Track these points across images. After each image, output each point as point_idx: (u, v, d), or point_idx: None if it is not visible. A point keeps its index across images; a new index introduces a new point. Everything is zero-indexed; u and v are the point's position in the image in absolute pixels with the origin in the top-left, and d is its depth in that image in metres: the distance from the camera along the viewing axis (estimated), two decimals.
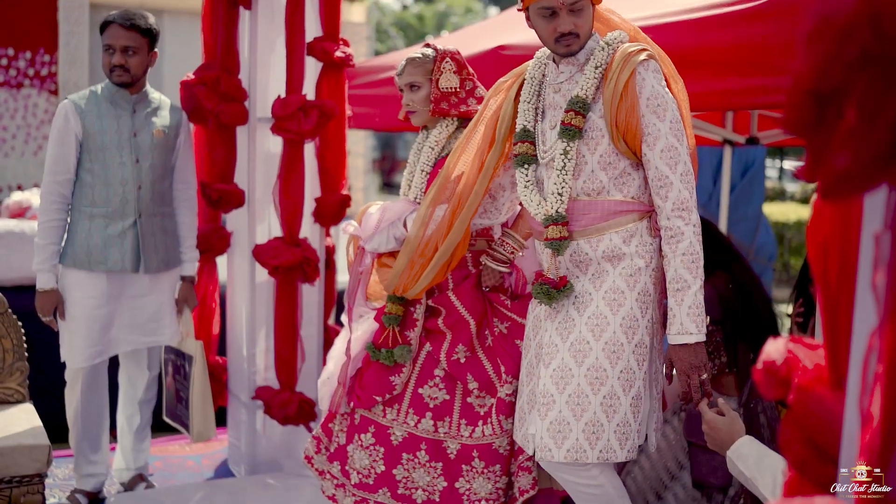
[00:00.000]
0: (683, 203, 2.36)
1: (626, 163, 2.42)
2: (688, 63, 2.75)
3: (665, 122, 2.36)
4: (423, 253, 2.73)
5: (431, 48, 2.99)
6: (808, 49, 0.94)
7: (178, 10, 9.29)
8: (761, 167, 6.31)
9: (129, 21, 3.32)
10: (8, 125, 8.95)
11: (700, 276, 2.35)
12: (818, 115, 0.94)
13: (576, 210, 2.45)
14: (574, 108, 2.41)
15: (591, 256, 2.45)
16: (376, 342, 2.85)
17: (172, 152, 3.52)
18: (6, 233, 4.78)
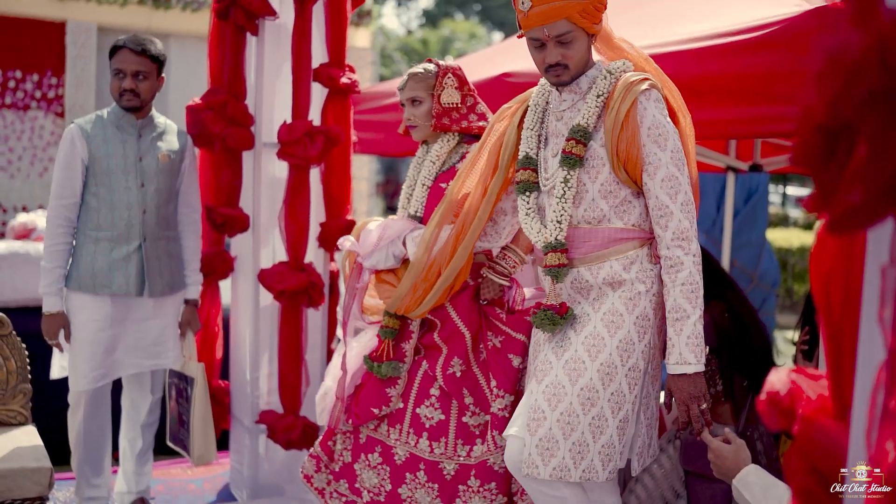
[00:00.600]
0: (683, 233, 2.36)
1: (627, 191, 2.43)
2: (692, 91, 2.77)
3: (666, 152, 2.36)
4: (426, 278, 2.75)
5: (433, 64, 3.02)
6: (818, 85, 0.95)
7: (184, 34, 9.37)
8: (764, 193, 6.32)
9: (140, 46, 3.36)
10: (14, 147, 9.00)
11: (699, 305, 2.35)
12: (828, 150, 0.95)
13: (576, 238, 2.46)
14: (575, 136, 2.42)
15: (591, 283, 2.46)
16: (373, 355, 2.88)
17: (177, 176, 3.54)
18: (11, 254, 4.80)
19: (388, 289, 2.91)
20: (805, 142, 0.98)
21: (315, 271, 3.73)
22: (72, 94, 8.97)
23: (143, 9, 9.15)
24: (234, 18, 3.63)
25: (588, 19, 2.38)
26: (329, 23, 3.76)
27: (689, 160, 2.48)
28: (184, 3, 9.22)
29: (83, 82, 8.98)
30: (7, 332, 3.33)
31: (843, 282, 1.24)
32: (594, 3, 2.38)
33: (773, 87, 2.60)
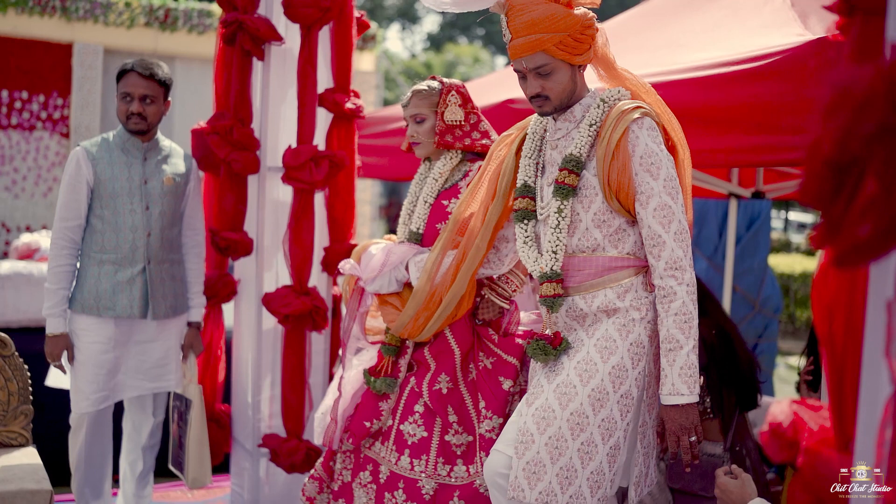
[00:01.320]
0: (677, 262, 2.34)
1: (621, 220, 2.42)
2: (694, 120, 2.79)
3: (659, 181, 2.34)
4: (427, 306, 2.76)
5: (437, 81, 3.03)
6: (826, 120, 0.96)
7: (189, 56, 9.42)
8: (767, 219, 6.33)
9: (147, 70, 3.38)
10: (19, 166, 9.03)
11: (693, 336, 2.32)
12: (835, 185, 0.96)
13: (571, 267, 2.45)
14: (567, 166, 2.42)
15: (586, 311, 2.45)
16: (372, 370, 2.90)
17: (182, 199, 3.56)
18: (14, 274, 4.80)
19: (392, 311, 2.92)
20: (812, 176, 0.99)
21: (319, 295, 3.74)
22: (77, 115, 9.01)
23: (149, 31, 9.22)
24: (240, 43, 3.66)
25: (567, 51, 2.37)
26: (335, 48, 3.79)
27: (685, 192, 2.46)
28: (190, 25, 9.28)
29: (89, 103, 9.03)
30: (9, 353, 3.33)
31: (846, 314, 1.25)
32: (573, 35, 2.36)
33: (775, 117, 2.62)
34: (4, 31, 8.70)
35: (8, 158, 8.99)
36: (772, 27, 3.15)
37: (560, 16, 2.34)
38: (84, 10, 8.86)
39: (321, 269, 3.89)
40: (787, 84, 2.58)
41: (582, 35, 2.38)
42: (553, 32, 2.34)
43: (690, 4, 3.80)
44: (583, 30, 2.38)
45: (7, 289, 4.77)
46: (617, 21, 4.39)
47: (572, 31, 2.35)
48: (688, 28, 3.58)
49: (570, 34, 2.35)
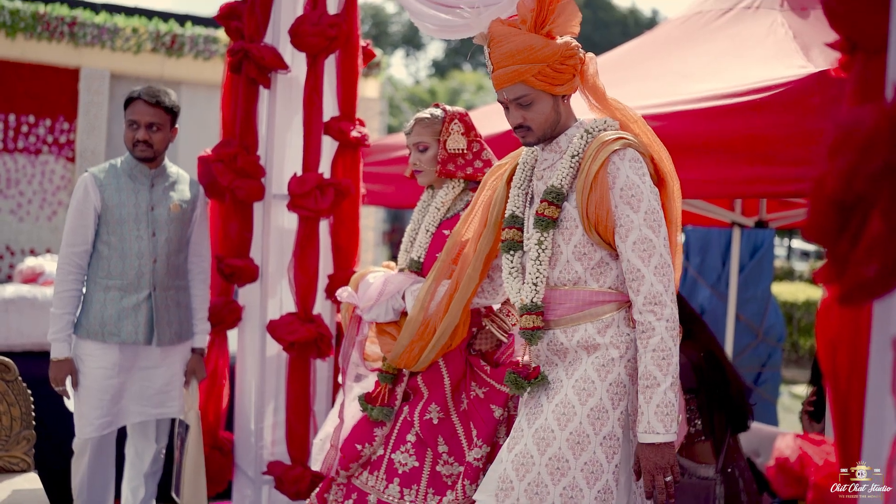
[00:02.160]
0: (656, 297, 2.27)
1: (602, 253, 2.37)
2: (698, 151, 2.81)
3: (639, 214, 2.29)
4: (421, 336, 2.74)
5: (440, 109, 3.01)
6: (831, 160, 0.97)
7: (195, 82, 9.48)
8: (770, 248, 6.34)
9: (154, 98, 3.41)
10: (24, 190, 9.07)
11: (672, 373, 2.25)
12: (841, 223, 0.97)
13: (553, 300, 2.40)
14: (548, 198, 2.38)
15: (566, 346, 2.39)
16: (368, 397, 2.88)
17: (188, 226, 3.57)
18: (18, 298, 4.81)
19: (389, 341, 2.91)
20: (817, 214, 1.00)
21: (324, 323, 3.74)
22: (83, 140, 9.06)
23: (155, 56, 9.28)
24: (246, 72, 3.69)
25: (547, 81, 2.34)
26: (340, 77, 3.82)
27: (674, 224, 2.43)
28: (196, 51, 9.34)
29: (95, 128, 9.08)
30: (13, 378, 3.33)
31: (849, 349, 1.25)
32: (552, 65, 2.33)
33: (778, 148, 2.63)
34: (13, 56, 8.76)
35: (14, 182, 9.02)
36: (774, 59, 3.18)
37: (538, 46, 2.31)
38: (91, 35, 8.93)
39: (325, 297, 3.89)
40: (790, 116, 2.60)
41: (562, 65, 2.34)
42: (532, 63, 2.31)
43: (694, 35, 3.83)
44: (563, 60, 2.34)
45: (11, 313, 4.77)
46: (621, 51, 4.42)
47: (551, 61, 2.32)
48: (691, 59, 3.61)
49: (549, 64, 2.32)
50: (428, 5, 3.06)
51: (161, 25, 9.31)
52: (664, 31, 4.24)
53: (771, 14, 3.63)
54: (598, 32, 33.71)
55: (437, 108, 3.02)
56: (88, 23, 8.95)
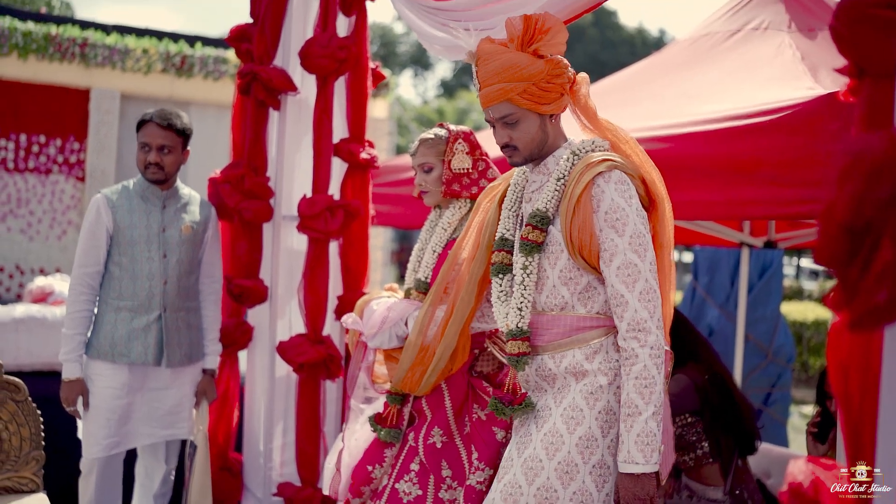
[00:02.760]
0: (640, 324, 2.22)
1: (589, 277, 2.31)
2: (707, 172, 2.81)
3: (624, 238, 2.23)
4: (421, 360, 2.72)
5: (445, 129, 3.00)
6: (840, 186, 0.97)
7: (205, 102, 9.54)
8: (779, 268, 6.33)
9: (165, 121, 3.43)
10: (35, 209, 9.11)
11: (654, 402, 2.19)
12: (851, 249, 0.97)
13: (540, 325, 2.36)
14: (532, 221, 2.33)
15: (555, 372, 2.34)
16: (378, 418, 2.87)
17: (200, 247, 3.59)
18: (28, 318, 4.82)
19: (396, 366, 2.90)
20: (828, 240, 1.00)
21: (333, 344, 3.74)
22: (93, 160, 9.11)
23: (165, 77, 9.34)
24: (255, 94, 3.72)
25: (532, 100, 2.29)
26: (350, 99, 3.84)
27: (665, 248, 2.38)
28: (205, 72, 9.41)
29: (105, 147, 9.13)
30: (22, 398, 3.34)
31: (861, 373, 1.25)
32: (538, 84, 2.28)
33: (786, 170, 2.63)
34: (25, 76, 8.84)
35: (24, 201, 9.07)
36: (782, 80, 3.19)
37: (524, 64, 2.27)
38: (102, 56, 9.00)
39: (335, 318, 3.90)
40: (799, 138, 2.60)
41: (549, 84, 2.29)
42: (517, 81, 2.27)
43: (702, 57, 3.85)
44: (549, 79, 2.29)
45: (21, 332, 4.79)
46: (630, 72, 4.44)
47: (537, 79, 2.27)
48: (699, 80, 3.62)
49: (534, 83, 2.27)
50: (427, 23, 3.08)
51: (171, 46, 9.38)
52: (672, 52, 4.26)
53: (779, 35, 3.65)
54: (605, 51, 33.82)
55: (442, 128, 3.01)
56: (99, 44, 9.02)
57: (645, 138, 2.98)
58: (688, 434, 3.42)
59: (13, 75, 8.81)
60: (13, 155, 9.04)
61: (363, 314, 3.01)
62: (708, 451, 3.39)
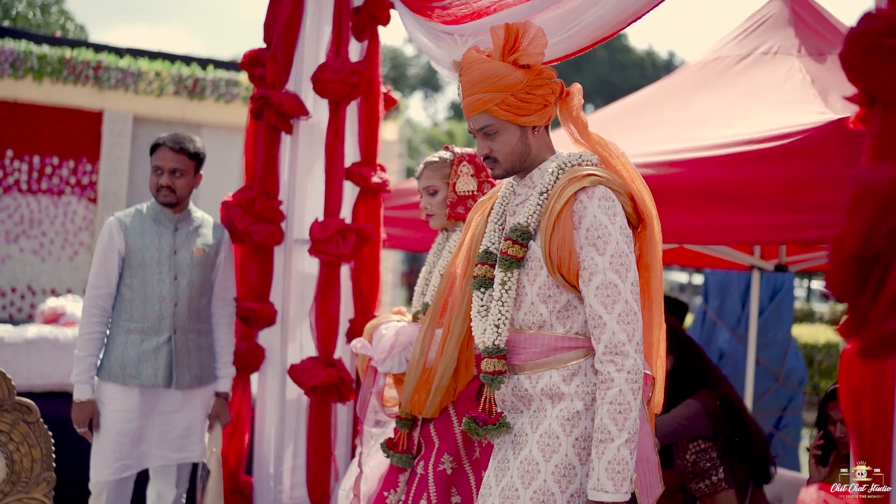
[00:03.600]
0: (617, 347, 2.11)
1: (569, 296, 2.22)
2: (717, 197, 2.82)
3: (605, 256, 2.13)
4: (425, 381, 2.69)
5: (449, 151, 2.99)
6: (850, 216, 0.98)
7: (216, 124, 9.60)
8: (790, 291, 6.30)
9: (178, 145, 3.45)
10: (47, 230, 9.17)
11: (628, 429, 2.08)
12: (860, 278, 0.98)
13: (517, 343, 2.26)
14: (512, 236, 2.24)
15: (531, 393, 2.25)
16: (389, 443, 2.84)
17: (212, 270, 3.60)
18: (40, 339, 4.84)
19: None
20: (838, 270, 1.01)
21: (344, 367, 3.75)
22: (105, 181, 9.17)
23: (177, 99, 9.41)
24: (267, 118, 3.75)
25: (511, 111, 2.21)
26: (362, 123, 3.87)
27: (653, 269, 2.30)
28: (217, 94, 9.47)
29: (117, 169, 9.19)
30: (34, 420, 3.35)
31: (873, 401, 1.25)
32: (517, 94, 2.20)
33: (797, 195, 2.64)
34: (39, 99, 8.92)
35: (36, 222, 9.13)
36: (793, 104, 3.20)
37: (502, 74, 2.19)
38: (116, 79, 9.08)
39: (346, 341, 3.90)
40: (809, 163, 2.61)
41: (528, 95, 2.21)
42: (494, 92, 2.20)
43: (712, 81, 3.87)
44: (529, 89, 2.21)
45: (32, 353, 4.80)
46: (640, 96, 4.46)
47: (515, 90, 2.19)
48: (709, 104, 3.64)
49: (513, 93, 2.20)
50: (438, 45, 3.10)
51: (183, 69, 9.46)
52: (682, 76, 4.27)
53: (788, 60, 3.66)
54: (614, 73, 33.92)
55: (446, 151, 3.00)
56: (112, 66, 9.11)
57: (656, 163, 3.00)
58: (702, 461, 3.42)
59: (28, 98, 8.90)
60: (26, 176, 9.10)
61: (372, 338, 3.00)
62: (723, 477, 3.38)
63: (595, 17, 2.67)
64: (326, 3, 3.90)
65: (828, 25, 3.94)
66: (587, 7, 2.67)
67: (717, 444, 3.38)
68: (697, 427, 3.37)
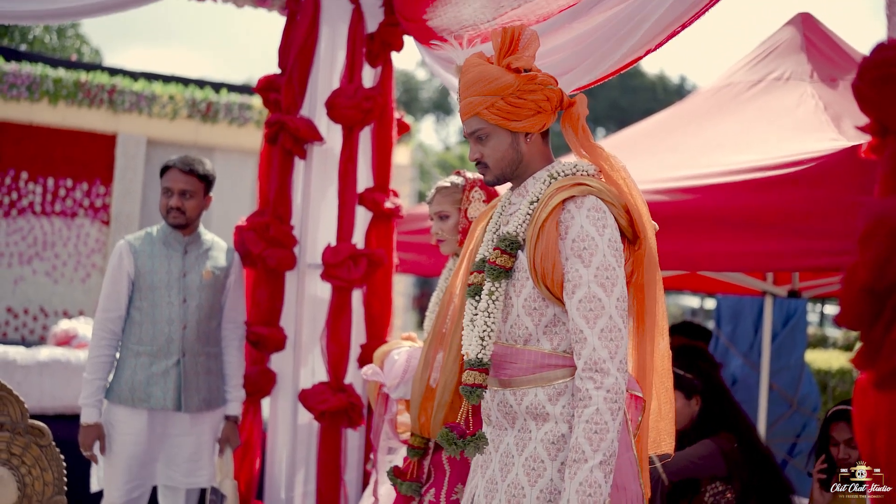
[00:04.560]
0: (597, 364, 2.02)
1: (556, 310, 2.13)
2: (730, 224, 2.81)
3: (590, 269, 2.04)
4: (429, 400, 2.65)
5: (461, 176, 2.97)
6: (863, 248, 0.98)
7: (229, 148, 9.65)
8: (803, 316, 6.26)
9: (188, 166, 3.47)
10: (60, 252, 9.22)
11: (603, 451, 1.99)
12: (873, 310, 0.98)
13: (504, 357, 2.18)
14: (500, 245, 2.17)
15: (515, 410, 2.17)
16: (397, 471, 2.82)
17: (222, 293, 3.60)
18: (52, 361, 4.85)
19: None
20: (851, 302, 1.01)
21: (355, 392, 3.74)
22: (118, 204, 9.22)
23: (190, 123, 9.48)
24: (282, 143, 3.77)
25: (500, 115, 2.16)
26: (375, 149, 3.89)
27: (644, 289, 2.21)
28: (230, 118, 9.53)
29: (130, 192, 9.24)
30: (46, 443, 3.35)
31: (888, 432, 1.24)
32: (507, 98, 2.14)
33: (810, 222, 2.63)
34: (54, 122, 9.00)
35: (49, 244, 9.18)
36: (805, 131, 3.20)
37: (492, 77, 2.15)
38: (130, 102, 9.16)
39: (358, 367, 3.90)
40: (822, 190, 2.61)
41: (519, 100, 2.15)
42: (484, 95, 2.15)
43: (724, 107, 3.87)
44: (520, 94, 2.14)
45: (45, 376, 4.82)
46: (652, 121, 4.46)
47: (505, 93, 2.14)
48: (722, 130, 3.64)
49: (503, 97, 2.14)
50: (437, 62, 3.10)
51: (197, 92, 9.53)
52: (695, 101, 4.28)
53: (801, 85, 3.67)
54: (626, 97, 33.97)
55: (458, 176, 2.98)
56: (127, 90, 9.19)
57: (669, 189, 3.00)
58: (720, 502, 3.39)
59: (43, 121, 8.98)
60: (40, 198, 9.17)
61: (383, 365, 2.99)
62: None
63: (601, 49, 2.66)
64: (341, 30, 3.94)
65: (839, 51, 3.95)
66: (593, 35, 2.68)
67: (734, 486, 3.34)
68: (710, 467, 3.34)
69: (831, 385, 10.78)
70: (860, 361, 1.01)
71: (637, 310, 2.23)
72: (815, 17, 4.13)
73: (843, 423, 3.12)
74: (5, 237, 9.04)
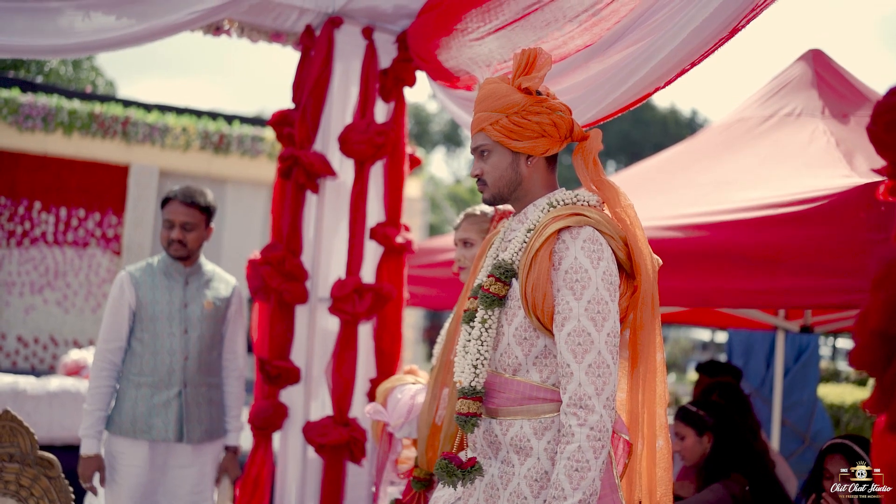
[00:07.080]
0: (582, 400, 1.97)
1: (546, 341, 2.09)
2: (742, 260, 2.80)
3: (581, 302, 1.99)
4: (436, 436, 2.66)
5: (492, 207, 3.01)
6: (874, 293, 0.98)
7: (240, 180, 9.71)
8: (815, 351, 6.23)
9: (189, 198, 3.48)
10: (71, 282, 9.26)
11: (583, 489, 1.93)
12: (886, 354, 0.98)
13: (493, 386, 2.14)
14: (495, 273, 2.14)
15: (500, 440, 2.12)
16: (399, 502, 2.81)
17: (223, 323, 3.60)
18: (62, 392, 4.86)
19: None
20: (863, 346, 1.01)
21: (359, 426, 3.72)
22: (130, 234, 9.28)
23: (203, 154, 9.55)
24: (295, 177, 3.79)
25: (503, 133, 2.15)
26: (387, 183, 3.91)
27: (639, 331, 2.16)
28: (242, 149, 9.60)
29: (142, 222, 9.31)
30: (55, 475, 3.34)
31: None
32: (510, 117, 2.13)
33: (822, 259, 2.62)
34: (68, 153, 9.09)
35: (61, 274, 9.23)
36: (818, 167, 3.20)
37: (501, 94, 2.15)
38: (143, 133, 9.24)
39: (367, 401, 3.89)
40: (835, 227, 2.60)
41: (523, 119, 2.13)
42: (491, 111, 2.15)
43: (736, 142, 3.87)
44: (525, 114, 2.13)
45: (54, 406, 4.83)
46: (664, 157, 4.47)
47: (509, 112, 2.13)
48: (734, 166, 3.64)
49: (507, 115, 2.13)
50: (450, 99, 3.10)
51: (209, 124, 9.61)
52: (706, 137, 4.29)
53: (812, 121, 3.67)
54: (637, 130, 34.08)
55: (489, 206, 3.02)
56: (140, 121, 9.27)
57: (681, 226, 3.00)
58: None
59: (57, 151, 9.07)
60: (53, 228, 9.23)
61: (387, 403, 2.97)
62: None
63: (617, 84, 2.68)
64: (354, 65, 3.97)
65: (851, 88, 3.96)
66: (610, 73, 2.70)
67: None
68: None
69: (844, 420, 10.69)
70: (873, 405, 1.01)
71: (631, 353, 2.18)
72: (826, 51, 4.14)
73: (839, 455, 3.06)
74: (18, 266, 9.10)
